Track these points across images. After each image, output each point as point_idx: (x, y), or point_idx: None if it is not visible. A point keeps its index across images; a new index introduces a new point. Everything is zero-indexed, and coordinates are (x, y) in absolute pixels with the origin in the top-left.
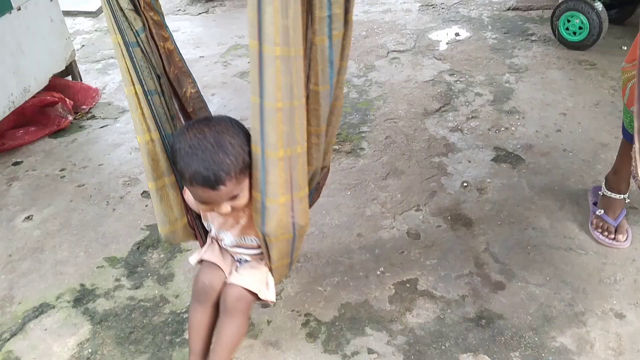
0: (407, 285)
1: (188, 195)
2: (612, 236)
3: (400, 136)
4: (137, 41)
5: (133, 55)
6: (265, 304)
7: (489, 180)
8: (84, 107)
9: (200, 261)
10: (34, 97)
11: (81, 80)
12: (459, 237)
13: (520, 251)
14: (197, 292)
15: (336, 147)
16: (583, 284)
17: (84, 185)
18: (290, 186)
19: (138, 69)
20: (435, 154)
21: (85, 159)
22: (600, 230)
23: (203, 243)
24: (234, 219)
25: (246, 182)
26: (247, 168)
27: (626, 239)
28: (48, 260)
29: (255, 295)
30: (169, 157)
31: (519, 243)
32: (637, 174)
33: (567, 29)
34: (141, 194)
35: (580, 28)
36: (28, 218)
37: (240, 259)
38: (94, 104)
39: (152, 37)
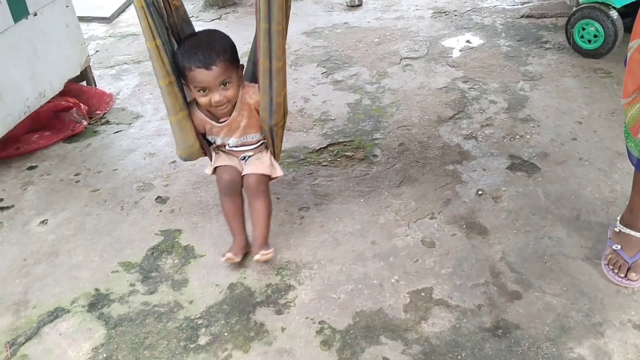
0: (422, 294)
1: (196, 116)
2: (623, 274)
3: (413, 143)
4: (154, 2)
5: (152, 13)
6: (277, 178)
7: (504, 188)
8: (98, 112)
9: (214, 170)
10: (49, 102)
11: (95, 85)
12: (474, 246)
13: (536, 260)
14: (223, 188)
15: (349, 154)
16: (600, 294)
17: (98, 190)
18: (283, 85)
19: (157, 25)
20: (449, 161)
21: (100, 164)
22: (611, 266)
23: (211, 157)
24: (235, 123)
25: (234, 77)
26: (234, 63)
27: (639, 279)
28: (63, 264)
29: (268, 176)
30: (184, 96)
31: (535, 252)
32: None
33: (582, 37)
34: (155, 199)
35: (595, 36)
36: (43, 222)
37: (245, 156)
38: (108, 109)
39: None
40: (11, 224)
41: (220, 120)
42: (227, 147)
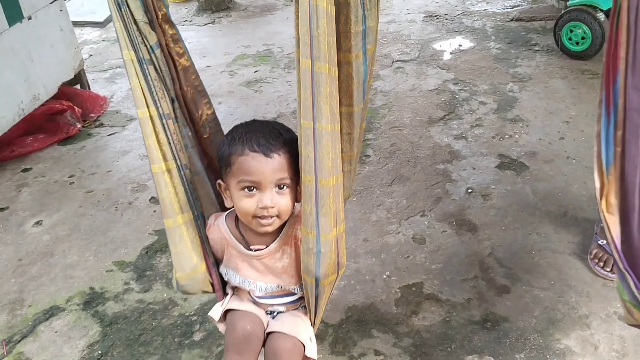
0: (413, 288)
1: (217, 229)
2: (609, 268)
3: (405, 144)
4: (152, 58)
5: (147, 74)
6: None
7: (493, 186)
8: (92, 115)
9: (225, 314)
10: (43, 105)
11: (89, 88)
12: (464, 242)
13: (524, 255)
14: (237, 343)
15: None
16: (587, 287)
17: (92, 191)
18: (336, 219)
19: (153, 90)
20: (440, 161)
21: (94, 166)
22: (597, 260)
23: (222, 295)
24: (271, 259)
25: (294, 184)
26: (296, 165)
27: None
28: (58, 264)
29: (303, 346)
30: (186, 191)
31: (524, 248)
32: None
33: (569, 39)
34: (149, 200)
35: (582, 38)
36: (38, 223)
37: (274, 311)
38: (102, 112)
39: (169, 53)
40: (6, 225)
41: (252, 247)
42: (250, 295)
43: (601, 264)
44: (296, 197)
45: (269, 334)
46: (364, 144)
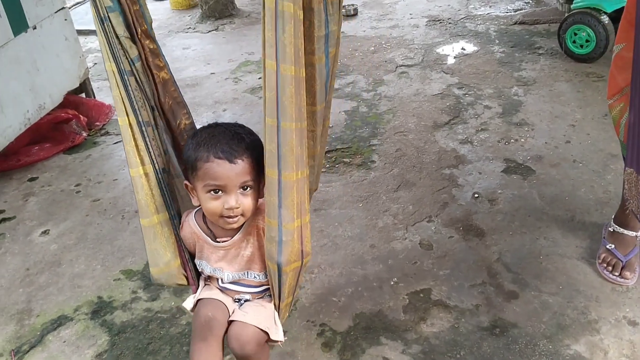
0: (421, 295)
1: (187, 226)
2: (618, 273)
3: (410, 149)
4: (132, 70)
5: (128, 84)
6: (273, 345)
7: (499, 191)
8: (97, 123)
9: (196, 303)
10: (48, 114)
11: (94, 97)
12: (471, 248)
13: (532, 261)
14: (200, 329)
15: (347, 160)
16: (596, 292)
17: (99, 199)
18: (300, 211)
19: (133, 99)
20: (445, 165)
21: (100, 174)
22: (605, 264)
23: (196, 288)
24: (236, 248)
25: (257, 185)
26: (260, 168)
27: (633, 277)
28: (65, 273)
29: (266, 334)
30: (163, 193)
31: (531, 253)
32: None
33: (574, 42)
34: None
35: (587, 41)
36: (45, 232)
37: (240, 299)
38: (107, 120)
39: (148, 66)
40: (13, 234)
41: (218, 240)
42: (219, 283)
43: (610, 268)
44: (259, 194)
45: (231, 322)
46: (369, 149)
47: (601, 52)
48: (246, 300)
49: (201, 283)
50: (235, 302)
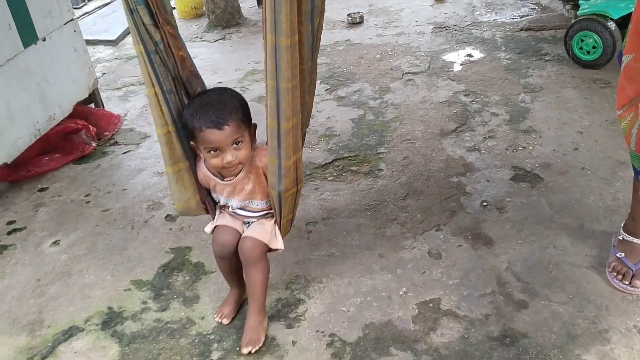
0: (430, 305)
1: (200, 171)
2: (628, 281)
3: (417, 157)
4: (157, 50)
5: (154, 61)
6: (275, 251)
7: (508, 199)
8: (106, 133)
9: (214, 229)
10: (58, 124)
11: (103, 107)
12: (480, 257)
13: (542, 269)
14: (217, 251)
15: (354, 168)
16: (606, 301)
17: (108, 210)
18: (294, 149)
19: (158, 73)
20: (453, 173)
21: (110, 184)
22: (615, 273)
23: (214, 216)
24: (241, 184)
25: (247, 136)
26: (246, 122)
27: None
28: (76, 284)
29: (266, 245)
30: (183, 146)
31: (541, 261)
32: None
33: (580, 48)
34: (165, 218)
35: (594, 47)
36: (55, 243)
37: (248, 222)
38: (116, 130)
39: (169, 47)
40: (24, 245)
41: (225, 179)
42: (230, 209)
43: (620, 276)
44: (251, 141)
45: (240, 241)
46: (376, 157)
47: (608, 58)
48: (252, 222)
49: (217, 211)
50: (244, 224)
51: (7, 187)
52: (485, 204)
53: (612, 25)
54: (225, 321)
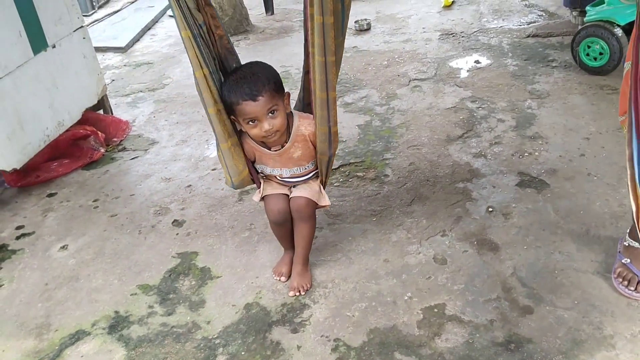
0: (435, 310)
1: (247, 144)
2: (633, 287)
3: (424, 162)
4: (200, 32)
5: (200, 44)
6: (324, 209)
7: (514, 205)
8: (115, 139)
9: (262, 198)
10: (67, 130)
11: (112, 113)
12: (485, 262)
13: (547, 275)
14: (273, 219)
15: (360, 174)
16: (611, 307)
17: (116, 215)
18: (335, 119)
19: (204, 55)
20: (459, 179)
21: (117, 190)
22: (621, 279)
23: (259, 185)
24: (288, 153)
25: (281, 105)
26: (279, 91)
27: None
28: (83, 288)
29: (315, 203)
30: (232, 122)
31: (546, 267)
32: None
33: (587, 54)
34: (172, 223)
35: (600, 54)
36: (63, 248)
37: (295, 185)
38: (124, 136)
39: (210, 27)
40: (32, 249)
41: (273, 149)
42: (277, 179)
43: (625, 282)
44: (285, 109)
45: (291, 199)
46: (382, 163)
47: (615, 64)
48: (298, 185)
49: (262, 182)
50: (292, 187)
51: (17, 192)
52: (490, 209)
53: (618, 31)
54: (283, 279)
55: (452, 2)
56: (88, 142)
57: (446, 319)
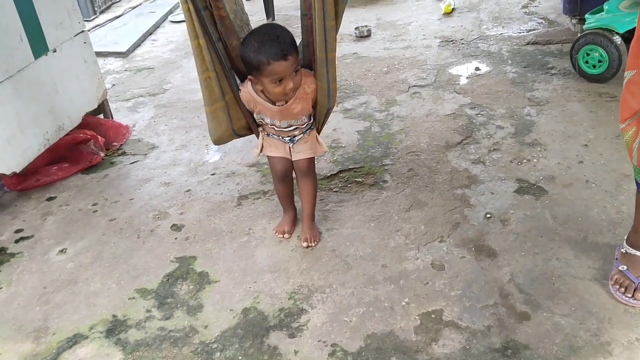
0: (433, 315)
1: (248, 95)
2: (630, 294)
3: (422, 169)
4: (207, 6)
5: (203, 16)
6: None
7: (512, 211)
8: (115, 143)
9: (261, 151)
10: (67, 134)
11: (112, 118)
12: (483, 268)
13: (544, 281)
14: (277, 177)
15: (359, 179)
16: (609, 313)
17: (115, 219)
18: (334, 76)
19: (207, 25)
20: (458, 186)
21: (117, 194)
22: (618, 286)
23: (257, 135)
24: (289, 108)
25: (299, 64)
26: (297, 51)
27: None
28: (81, 292)
29: (314, 158)
30: (222, 87)
31: (544, 273)
32: None
33: (586, 62)
34: (170, 227)
35: (599, 61)
36: (62, 251)
37: (292, 137)
38: (124, 140)
39: (211, 7)
40: (31, 253)
41: (277, 104)
42: (275, 128)
43: (622, 289)
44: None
45: (293, 161)
46: (381, 169)
47: (614, 72)
48: (296, 138)
49: (261, 137)
50: (289, 141)
51: (16, 196)
52: (489, 216)
53: (617, 39)
54: (286, 236)
55: (452, 9)
56: (88, 146)
57: (443, 325)
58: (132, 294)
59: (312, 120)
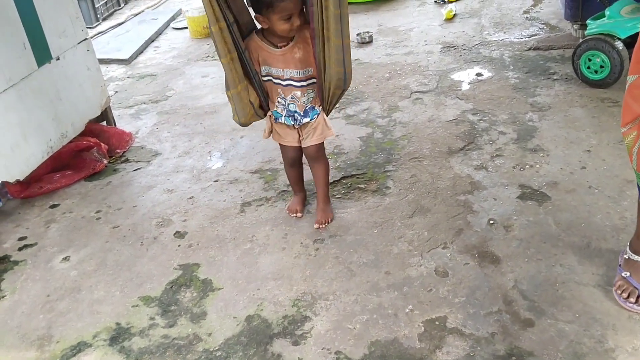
0: (436, 322)
1: (254, 42)
2: (634, 300)
3: (425, 175)
4: None
5: (220, 1)
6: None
7: (515, 217)
8: (118, 151)
9: (270, 133)
10: (70, 142)
11: (115, 125)
12: (486, 275)
13: (548, 288)
14: (287, 163)
15: (362, 186)
16: (613, 320)
17: (118, 226)
18: (350, 60)
19: (223, 9)
20: (460, 192)
21: (120, 201)
22: (621, 292)
23: (267, 109)
24: (291, 53)
25: (303, 11)
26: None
27: None
28: (85, 299)
29: (323, 143)
30: (244, 67)
31: (547, 280)
32: None
33: (588, 67)
34: (174, 235)
35: (601, 67)
36: (65, 259)
37: (298, 118)
38: (127, 147)
39: None
40: (35, 261)
41: (280, 45)
42: (282, 84)
43: (625, 295)
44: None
45: (303, 148)
46: (384, 175)
47: (616, 77)
48: (304, 123)
49: (271, 123)
50: (296, 122)
51: (20, 204)
52: (492, 222)
53: (619, 44)
54: (299, 215)
55: (454, 15)
56: (91, 154)
57: (447, 332)
58: (136, 301)
59: (313, 82)
